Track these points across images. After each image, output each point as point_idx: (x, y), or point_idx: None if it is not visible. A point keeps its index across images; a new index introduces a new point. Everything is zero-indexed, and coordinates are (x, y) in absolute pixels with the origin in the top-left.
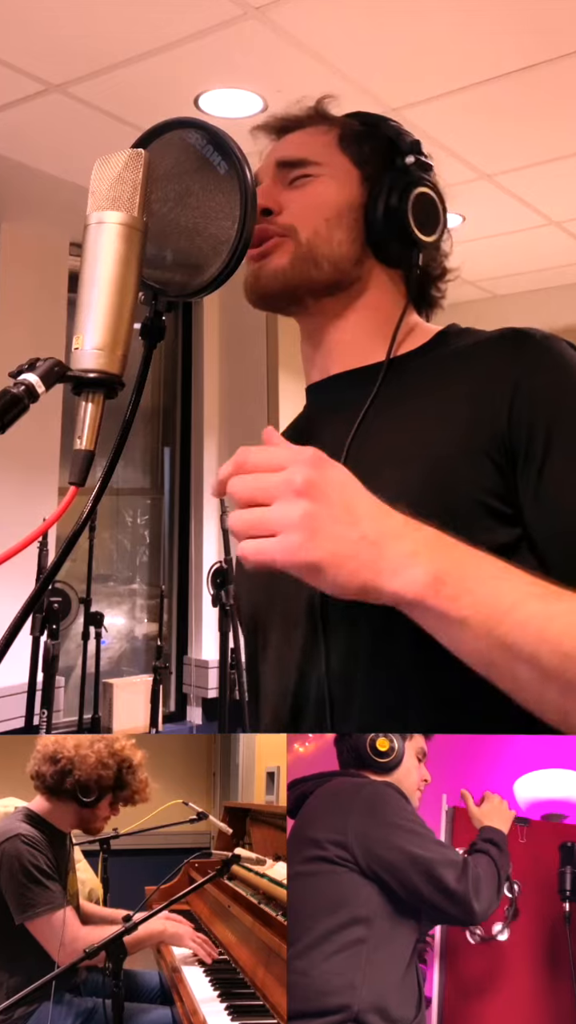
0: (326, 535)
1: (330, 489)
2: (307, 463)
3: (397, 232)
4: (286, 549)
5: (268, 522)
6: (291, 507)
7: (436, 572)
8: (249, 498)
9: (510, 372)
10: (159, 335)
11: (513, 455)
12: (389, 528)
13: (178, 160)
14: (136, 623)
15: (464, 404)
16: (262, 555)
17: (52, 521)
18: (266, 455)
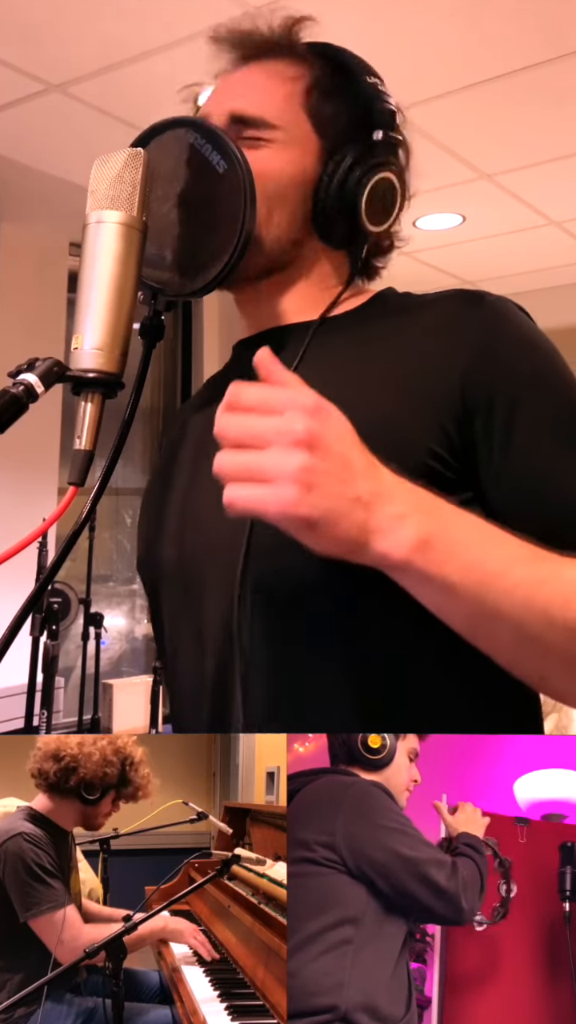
0: (323, 491)
1: (329, 442)
2: (308, 411)
3: (346, 219)
4: (281, 501)
5: (263, 469)
6: (289, 457)
7: (424, 535)
8: (241, 439)
9: (464, 337)
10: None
11: (468, 422)
12: (381, 488)
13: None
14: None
15: (410, 364)
16: (253, 504)
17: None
18: (263, 395)
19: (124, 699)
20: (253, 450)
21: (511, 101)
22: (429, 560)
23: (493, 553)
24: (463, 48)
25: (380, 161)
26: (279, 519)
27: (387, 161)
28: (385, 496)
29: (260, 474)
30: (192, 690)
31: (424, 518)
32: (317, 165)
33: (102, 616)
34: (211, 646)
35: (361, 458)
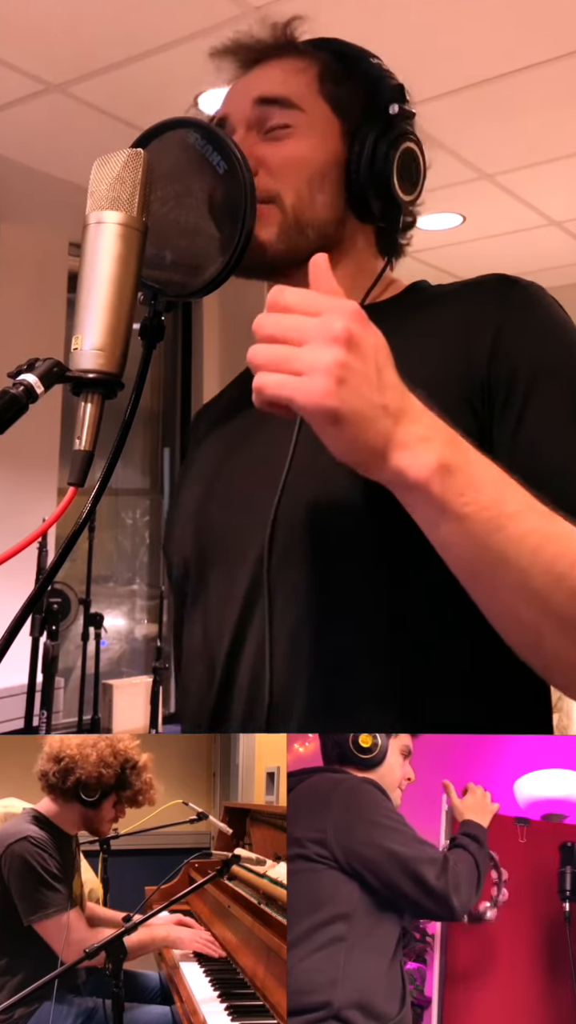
0: (352, 389)
1: (366, 347)
2: (349, 315)
3: (379, 192)
4: (310, 391)
5: (296, 360)
6: (324, 351)
7: (446, 460)
8: (278, 335)
9: (494, 313)
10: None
11: (491, 397)
12: (410, 406)
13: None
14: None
15: (443, 345)
16: (282, 390)
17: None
18: (304, 297)
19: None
20: (289, 344)
21: (511, 101)
22: (447, 487)
23: (511, 496)
24: (463, 48)
25: (401, 132)
26: (305, 408)
27: (407, 131)
28: (413, 415)
29: (293, 364)
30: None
31: (448, 447)
32: (343, 145)
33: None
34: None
35: (392, 375)
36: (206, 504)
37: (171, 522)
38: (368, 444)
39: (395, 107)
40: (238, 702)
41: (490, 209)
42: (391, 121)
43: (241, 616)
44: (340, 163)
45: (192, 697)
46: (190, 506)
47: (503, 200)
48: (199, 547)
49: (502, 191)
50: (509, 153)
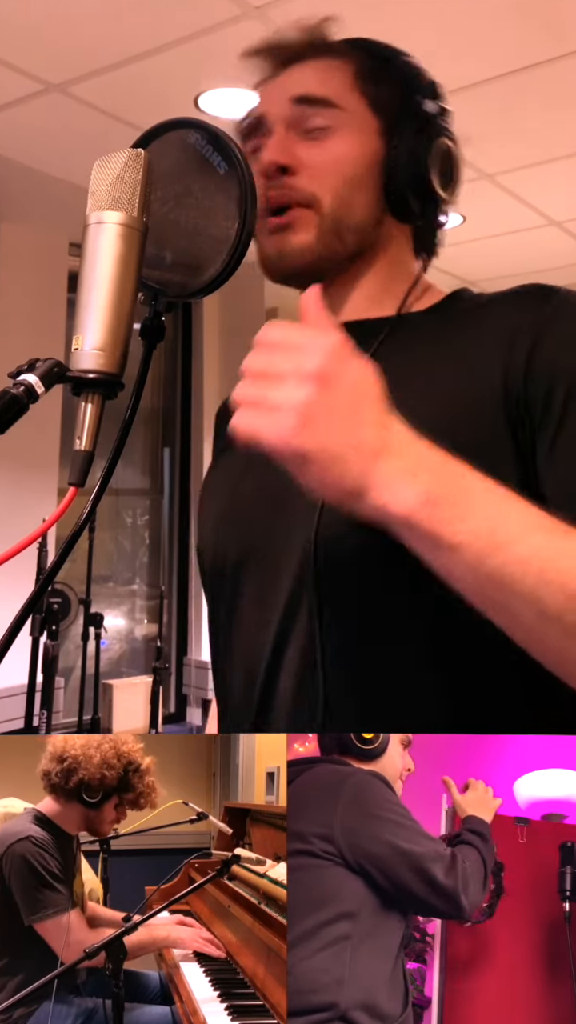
0: (321, 428)
1: (341, 383)
2: (325, 351)
3: (419, 190)
4: (276, 430)
5: (268, 399)
6: (294, 391)
7: (431, 492)
8: (259, 374)
9: (531, 325)
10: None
11: (529, 410)
12: (391, 441)
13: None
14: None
15: (480, 357)
16: (251, 429)
17: (52, 522)
18: (286, 334)
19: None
20: (266, 382)
21: (511, 101)
22: (434, 518)
23: (509, 519)
24: (462, 48)
25: (439, 129)
26: (274, 447)
27: (444, 129)
28: (392, 451)
29: (265, 403)
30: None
31: (433, 476)
32: (381, 144)
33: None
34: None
35: (375, 409)
36: (240, 504)
37: (203, 520)
38: (341, 483)
39: (432, 104)
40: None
41: (490, 209)
42: (428, 118)
43: (283, 620)
44: (379, 162)
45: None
46: (222, 504)
47: (503, 200)
48: (236, 548)
49: (502, 191)
50: (509, 153)
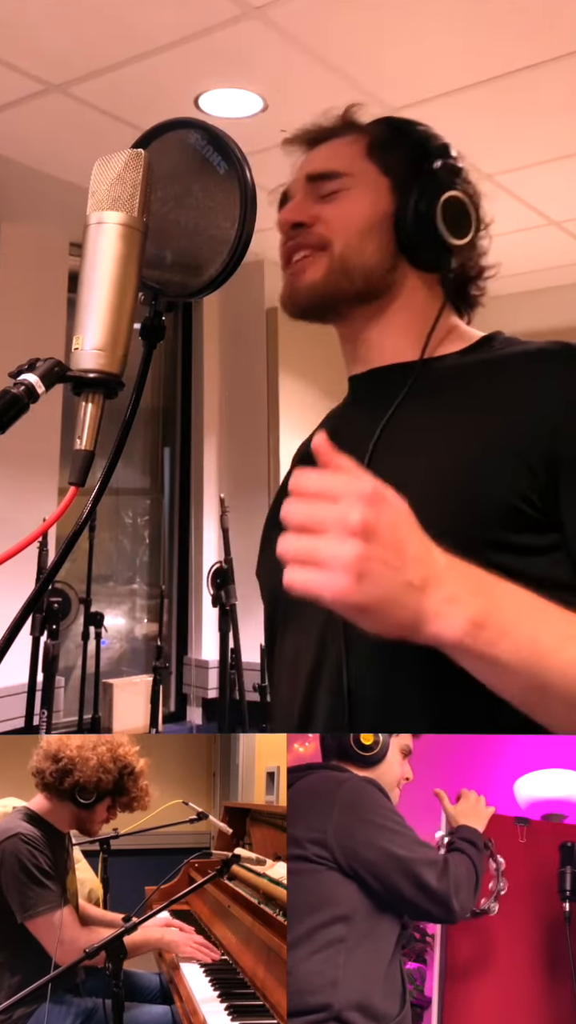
0: (374, 580)
1: (383, 530)
2: (364, 500)
3: (428, 238)
4: (335, 589)
5: (318, 555)
6: (343, 546)
7: (475, 616)
8: (302, 525)
9: (559, 391)
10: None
11: (555, 474)
12: (432, 572)
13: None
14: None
15: (503, 413)
16: (310, 588)
17: (52, 521)
18: (323, 482)
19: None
20: (313, 535)
21: (511, 101)
22: (480, 640)
23: (546, 631)
24: (463, 48)
25: (446, 182)
26: (334, 605)
27: (452, 182)
28: (437, 580)
29: (317, 560)
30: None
31: (476, 599)
32: (392, 199)
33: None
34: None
35: (415, 543)
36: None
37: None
38: (399, 622)
39: (439, 162)
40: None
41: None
42: (435, 174)
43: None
44: (390, 215)
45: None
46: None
47: (503, 200)
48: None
49: (502, 191)
50: (509, 153)
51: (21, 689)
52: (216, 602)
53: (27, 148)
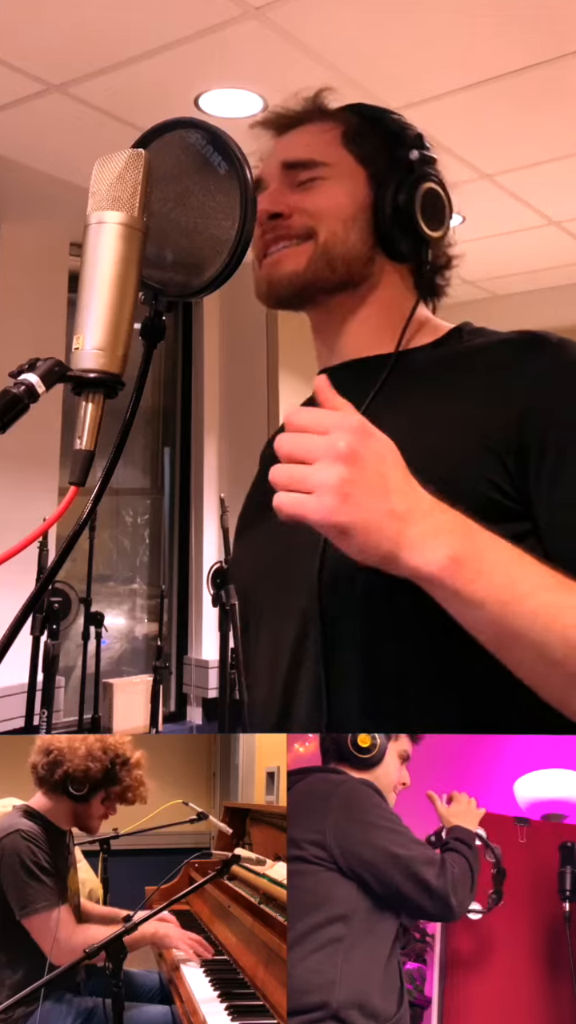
0: (357, 502)
1: (368, 459)
2: (351, 430)
3: (406, 229)
4: (320, 508)
5: (307, 480)
6: (330, 470)
7: (455, 553)
8: (293, 455)
9: (524, 379)
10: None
11: (524, 459)
12: (417, 506)
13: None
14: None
15: (474, 402)
16: (297, 508)
17: (52, 521)
18: (315, 417)
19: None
20: (302, 464)
21: (511, 101)
22: (458, 577)
23: (520, 577)
24: (463, 48)
25: (422, 174)
26: (318, 523)
27: (428, 173)
28: (419, 514)
29: (304, 484)
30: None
31: (456, 539)
32: (370, 189)
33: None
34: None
35: (398, 478)
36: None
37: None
38: (380, 549)
39: (415, 152)
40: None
41: (490, 209)
42: (412, 165)
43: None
44: (368, 206)
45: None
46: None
47: (503, 200)
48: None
49: (502, 191)
50: (509, 153)
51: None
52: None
53: (27, 148)
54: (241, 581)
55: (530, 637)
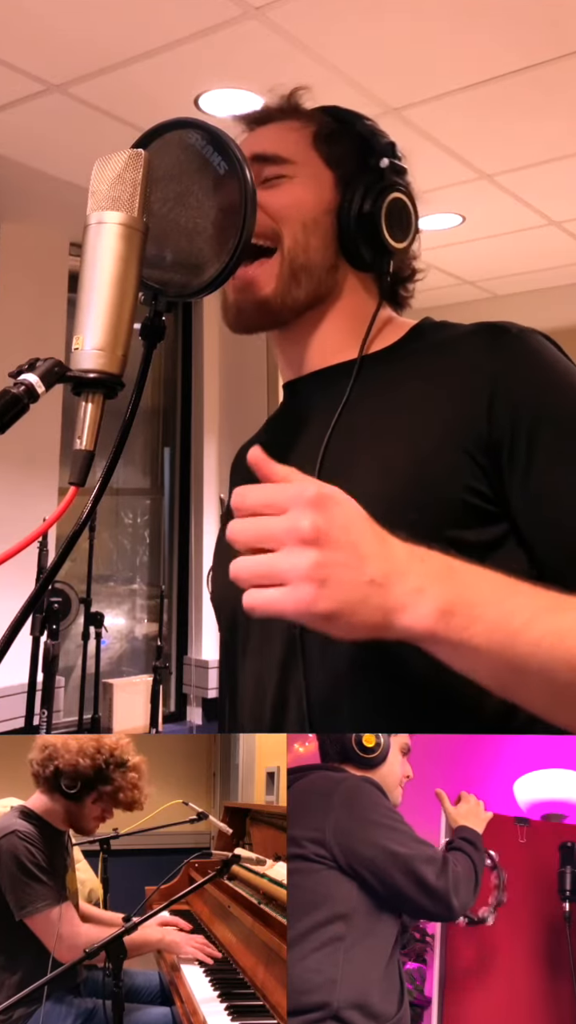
0: (336, 584)
1: (336, 532)
2: (310, 504)
3: (369, 238)
4: (298, 601)
5: (275, 571)
6: (299, 556)
7: (443, 604)
8: (252, 543)
9: (488, 369)
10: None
11: (496, 453)
12: (394, 566)
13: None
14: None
15: (442, 402)
16: (272, 606)
17: (52, 521)
18: (266, 495)
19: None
20: (265, 552)
21: (511, 101)
22: (451, 627)
23: (515, 608)
24: (463, 48)
25: (390, 183)
26: (300, 618)
27: (396, 183)
28: (399, 573)
29: (274, 576)
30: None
31: (441, 587)
32: (335, 195)
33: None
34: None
35: (371, 540)
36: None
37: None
38: (368, 623)
39: (385, 160)
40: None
41: (490, 209)
42: (381, 173)
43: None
44: (332, 211)
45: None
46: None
47: (503, 200)
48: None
49: (502, 191)
50: (509, 153)
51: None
52: None
53: (27, 148)
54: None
55: (534, 667)
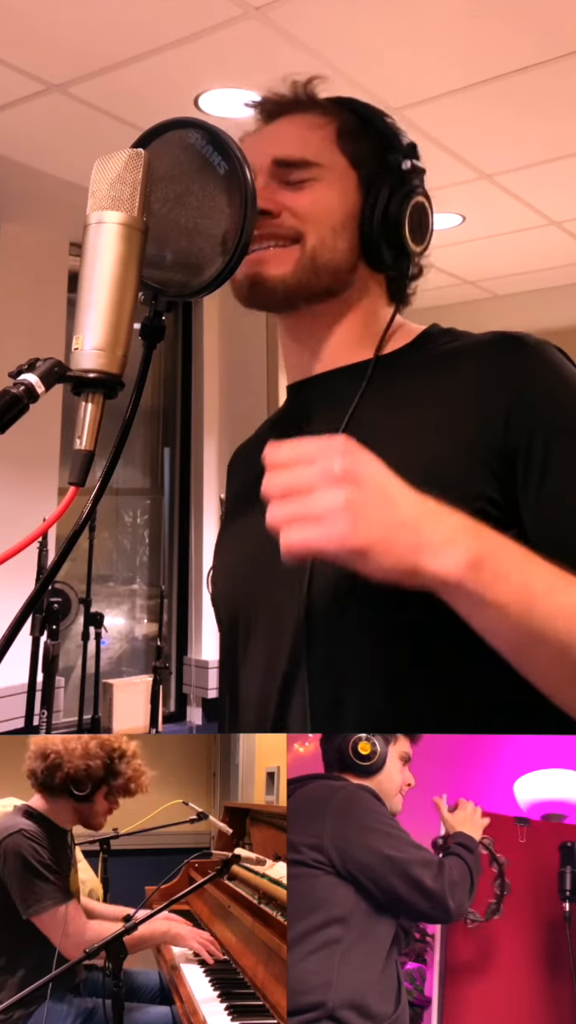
0: (369, 520)
1: (366, 476)
2: (339, 451)
3: (391, 241)
4: (333, 535)
5: (312, 510)
6: (333, 495)
7: (474, 555)
8: (286, 491)
9: (506, 381)
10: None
11: (512, 464)
12: (425, 512)
13: (178, 160)
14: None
15: (457, 410)
16: (310, 544)
17: (52, 521)
18: (296, 450)
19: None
20: (299, 496)
21: (511, 101)
22: (480, 580)
23: (537, 576)
24: (463, 48)
25: (413, 187)
26: (336, 553)
27: (419, 186)
28: (431, 519)
29: (310, 515)
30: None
31: (471, 540)
32: (359, 196)
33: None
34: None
35: (398, 487)
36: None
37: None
38: (400, 563)
39: (408, 163)
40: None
41: (490, 209)
42: (404, 176)
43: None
44: (356, 213)
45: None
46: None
47: (503, 200)
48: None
49: (502, 191)
50: (509, 153)
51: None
52: None
53: (27, 148)
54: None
55: (551, 636)
